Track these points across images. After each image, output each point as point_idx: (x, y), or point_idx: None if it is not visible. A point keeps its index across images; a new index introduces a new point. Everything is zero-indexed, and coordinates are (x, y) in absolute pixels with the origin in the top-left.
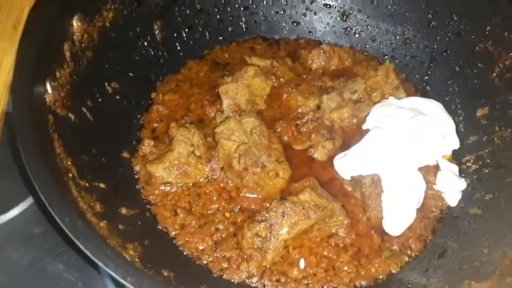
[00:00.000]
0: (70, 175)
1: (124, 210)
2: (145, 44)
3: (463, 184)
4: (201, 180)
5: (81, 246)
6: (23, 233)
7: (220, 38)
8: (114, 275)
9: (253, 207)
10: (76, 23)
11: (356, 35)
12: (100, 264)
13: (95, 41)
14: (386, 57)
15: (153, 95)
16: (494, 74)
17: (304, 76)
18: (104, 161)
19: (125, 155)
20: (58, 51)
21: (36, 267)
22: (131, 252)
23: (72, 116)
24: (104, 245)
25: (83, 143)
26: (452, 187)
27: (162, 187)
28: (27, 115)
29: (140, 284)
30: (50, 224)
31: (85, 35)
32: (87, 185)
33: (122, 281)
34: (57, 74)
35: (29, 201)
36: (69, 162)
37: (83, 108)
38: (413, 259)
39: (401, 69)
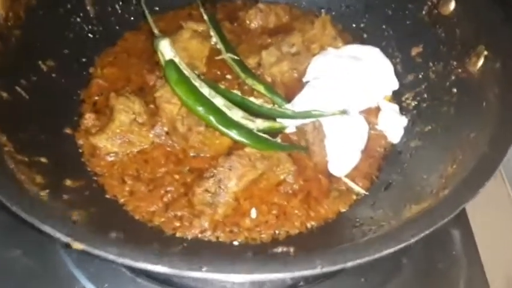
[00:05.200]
0: (6, 149)
1: (68, 182)
2: (78, 20)
3: (404, 121)
4: (146, 146)
5: (14, 209)
6: None
7: (157, 8)
8: (50, 230)
9: (202, 166)
10: None
11: None
12: (35, 222)
13: (23, 19)
14: (322, 10)
15: (91, 69)
16: (424, 12)
17: (243, 36)
18: (44, 138)
19: (68, 130)
20: None
21: None
22: (75, 218)
23: (4, 95)
24: (40, 205)
25: (18, 121)
26: (394, 125)
27: (108, 157)
28: None
29: (76, 235)
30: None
31: (10, 13)
32: (26, 159)
33: (58, 235)
34: None
35: None
36: (4, 138)
37: (16, 87)
38: (361, 196)
39: (338, 20)
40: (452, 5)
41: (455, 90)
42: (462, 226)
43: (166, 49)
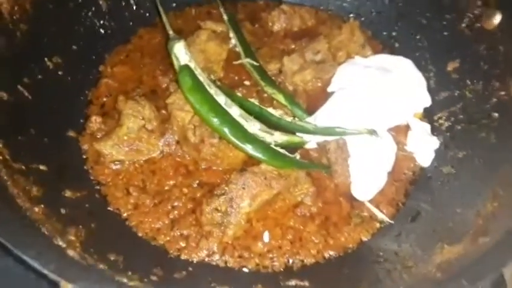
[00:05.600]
0: (0, 158)
1: (68, 193)
2: (89, 14)
3: (435, 143)
4: (155, 155)
5: None
6: None
7: (174, 4)
8: (32, 263)
9: (213, 180)
10: None
11: None
12: (17, 252)
13: (29, 12)
14: (350, 15)
15: (101, 68)
16: (464, 25)
17: (265, 39)
18: (46, 142)
19: (72, 134)
20: None
21: None
22: (71, 237)
23: (4, 95)
24: (25, 232)
25: (19, 123)
26: (424, 147)
27: (113, 166)
28: None
29: (63, 271)
30: None
31: (16, 7)
32: (23, 167)
33: (44, 271)
34: None
35: None
36: (0, 145)
37: (18, 86)
38: (385, 225)
39: (367, 27)
40: (497, 19)
41: (496, 114)
42: None
43: (181, 52)
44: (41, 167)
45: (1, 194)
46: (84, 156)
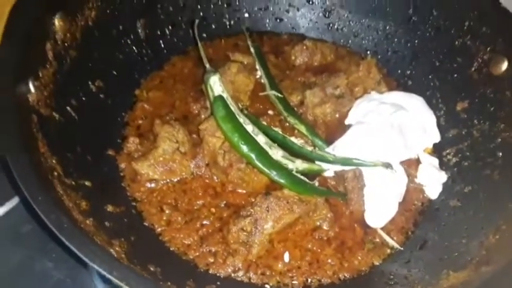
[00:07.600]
0: (55, 173)
1: (109, 208)
2: (129, 42)
3: (443, 177)
4: (186, 176)
5: (67, 243)
6: (11, 232)
7: (204, 35)
8: (100, 269)
9: (238, 202)
10: (57, 22)
11: (339, 31)
12: (86, 259)
13: (79, 40)
14: (368, 52)
15: (137, 92)
16: (473, 69)
17: (287, 72)
18: (89, 159)
19: (111, 152)
20: (40, 50)
21: (25, 266)
22: (117, 249)
23: (56, 115)
24: (89, 241)
25: (67, 142)
26: (433, 180)
27: (148, 184)
28: (11, 115)
29: (126, 278)
30: (37, 223)
31: (68, 34)
32: (73, 183)
33: (109, 276)
34: (40, 74)
35: (15, 200)
36: (54, 161)
37: (67, 107)
38: (395, 251)
39: (383, 64)
40: (504, 66)
41: (500, 153)
42: None
43: (215, 84)
44: (86, 183)
45: (61, 206)
46: (121, 174)
